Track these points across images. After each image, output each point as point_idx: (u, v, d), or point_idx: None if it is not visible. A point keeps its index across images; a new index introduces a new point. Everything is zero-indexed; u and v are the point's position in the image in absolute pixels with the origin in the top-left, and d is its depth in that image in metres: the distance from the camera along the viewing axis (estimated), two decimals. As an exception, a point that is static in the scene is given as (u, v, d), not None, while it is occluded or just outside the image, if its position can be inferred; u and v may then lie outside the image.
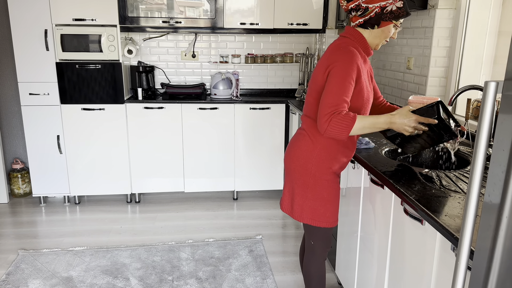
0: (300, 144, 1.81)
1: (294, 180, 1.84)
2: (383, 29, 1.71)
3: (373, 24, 1.70)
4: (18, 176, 3.87)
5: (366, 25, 1.71)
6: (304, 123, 1.83)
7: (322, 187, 1.79)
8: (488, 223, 0.88)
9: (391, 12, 1.66)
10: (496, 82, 0.85)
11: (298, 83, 4.20)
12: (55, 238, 3.15)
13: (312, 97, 1.75)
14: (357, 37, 1.74)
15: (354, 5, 1.69)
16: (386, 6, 1.65)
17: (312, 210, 1.81)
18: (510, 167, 0.83)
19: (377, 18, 1.68)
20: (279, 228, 3.34)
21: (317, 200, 1.80)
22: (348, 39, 1.74)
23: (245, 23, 3.67)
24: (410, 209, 1.50)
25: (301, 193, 1.82)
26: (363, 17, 1.70)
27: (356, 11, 1.71)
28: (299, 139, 1.83)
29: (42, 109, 3.51)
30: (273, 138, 3.80)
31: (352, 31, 1.75)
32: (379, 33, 1.72)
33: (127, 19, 3.54)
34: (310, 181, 1.79)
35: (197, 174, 3.79)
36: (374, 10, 1.67)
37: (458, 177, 1.66)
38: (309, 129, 1.79)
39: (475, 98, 2.23)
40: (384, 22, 1.69)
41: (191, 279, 2.61)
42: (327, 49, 1.76)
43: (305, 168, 1.79)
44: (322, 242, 1.91)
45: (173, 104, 3.62)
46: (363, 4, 1.67)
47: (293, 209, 1.86)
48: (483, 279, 0.91)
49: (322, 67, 1.70)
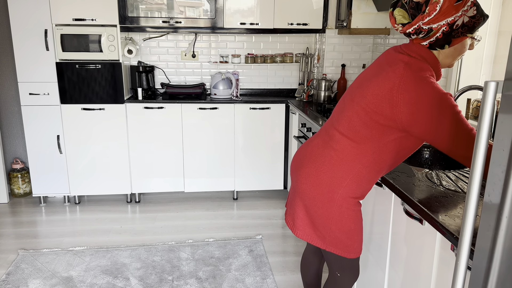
0: (326, 169, 1.52)
1: (311, 207, 1.57)
2: (456, 46, 1.37)
3: (442, 45, 1.36)
4: (18, 176, 3.87)
5: (434, 47, 1.37)
6: (337, 143, 1.50)
7: (349, 219, 1.55)
8: (488, 223, 0.88)
9: (463, 26, 1.32)
10: (496, 82, 0.85)
11: (298, 83, 4.20)
12: (55, 238, 3.15)
13: (360, 118, 1.44)
14: (430, 59, 1.38)
15: (413, 29, 1.35)
16: (455, 21, 1.30)
17: (338, 241, 1.57)
18: (510, 167, 0.83)
19: (446, 37, 1.34)
20: (279, 228, 3.34)
21: (344, 233, 1.56)
22: (418, 61, 1.37)
23: (245, 23, 3.67)
24: (410, 209, 1.50)
25: (323, 223, 1.56)
26: (427, 39, 1.36)
27: (418, 34, 1.37)
28: (324, 162, 1.52)
29: (42, 109, 3.51)
30: (273, 138, 3.80)
31: (421, 50, 1.38)
32: (452, 51, 1.39)
33: (127, 19, 3.54)
34: (334, 213, 1.53)
35: (197, 174, 3.79)
36: (440, 29, 1.32)
37: (458, 177, 1.66)
38: (345, 153, 1.48)
39: (475, 98, 2.23)
40: (457, 39, 1.35)
41: (191, 279, 2.61)
42: (394, 69, 1.37)
43: (330, 198, 1.52)
44: (350, 274, 1.69)
45: (173, 104, 3.62)
46: (424, 26, 1.33)
47: (315, 235, 1.60)
48: (483, 279, 0.91)
49: (389, 96, 1.35)
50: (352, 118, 1.47)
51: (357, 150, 1.46)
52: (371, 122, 1.42)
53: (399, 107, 1.33)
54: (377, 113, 1.39)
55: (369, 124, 1.42)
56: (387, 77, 1.38)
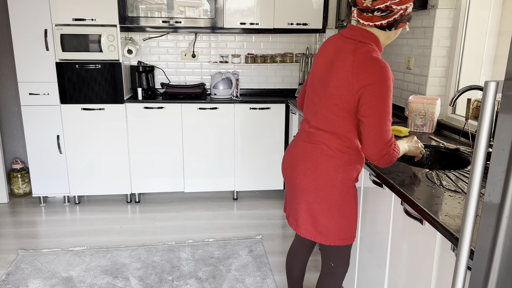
0: (322, 161, 1.64)
1: (315, 200, 1.66)
2: (397, 30, 1.60)
3: (391, 26, 1.56)
4: (18, 176, 3.87)
5: (385, 27, 1.56)
6: (320, 137, 1.65)
7: (349, 202, 1.68)
8: (488, 223, 0.88)
9: (408, 14, 1.57)
10: (496, 82, 0.85)
11: (298, 83, 4.20)
12: (55, 238, 3.15)
13: (334, 113, 1.60)
14: (374, 40, 1.57)
15: (384, 6, 1.52)
16: (408, 8, 1.55)
17: (340, 228, 1.68)
18: (510, 167, 0.83)
19: (400, 19, 1.55)
20: (279, 228, 3.34)
21: (344, 217, 1.68)
22: (366, 45, 1.55)
23: (245, 23, 3.67)
24: (410, 209, 1.50)
25: (326, 213, 1.66)
26: (386, 18, 1.54)
27: (381, 11, 1.54)
28: (317, 156, 1.65)
29: (42, 109, 3.51)
30: (273, 138, 3.80)
31: (365, 33, 1.57)
32: (393, 34, 1.61)
33: (127, 19, 3.54)
34: (337, 198, 1.65)
35: (197, 174, 3.79)
36: (399, 12, 1.54)
37: (458, 177, 1.66)
38: (332, 144, 1.63)
39: (475, 98, 2.23)
40: (402, 24, 1.58)
41: (191, 279, 2.61)
42: (345, 58, 1.55)
43: (331, 185, 1.64)
44: (343, 261, 1.81)
45: (173, 104, 3.62)
46: (393, 6, 1.52)
47: (318, 232, 1.69)
48: (483, 279, 0.91)
49: (348, 83, 1.53)
50: (327, 115, 1.63)
51: (340, 141, 1.63)
52: (342, 112, 1.58)
53: (354, 87, 1.51)
54: (344, 101, 1.56)
55: (342, 114, 1.59)
56: (341, 67, 1.55)
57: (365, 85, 1.49)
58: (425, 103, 2.47)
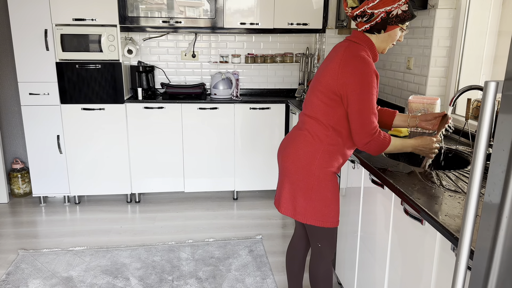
0: (302, 146, 1.79)
1: (295, 181, 1.81)
2: (390, 33, 1.72)
3: (379, 29, 1.71)
4: (18, 176, 3.87)
5: (373, 31, 1.71)
6: (306, 124, 1.80)
7: (326, 188, 1.78)
8: (488, 223, 0.88)
9: (397, 16, 1.66)
10: (496, 82, 0.85)
11: (298, 83, 4.20)
12: (55, 238, 3.15)
13: (319, 99, 1.74)
14: (366, 42, 1.73)
15: (360, 12, 1.68)
16: (391, 10, 1.65)
17: (317, 211, 1.80)
18: (510, 167, 0.83)
19: (383, 23, 1.68)
20: (279, 228, 3.34)
21: (322, 201, 1.79)
22: (357, 45, 1.72)
23: (245, 23, 3.67)
24: (410, 209, 1.50)
25: (304, 195, 1.80)
26: (369, 22, 1.69)
27: (362, 17, 1.70)
28: (300, 140, 1.80)
29: (42, 109, 3.51)
30: (273, 138, 3.80)
31: (360, 35, 1.74)
32: (386, 37, 1.73)
33: (127, 19, 3.54)
34: (313, 183, 1.77)
35: (197, 174, 3.79)
36: (379, 15, 1.67)
37: (458, 177, 1.66)
38: (313, 130, 1.77)
39: (475, 98, 2.23)
40: (391, 26, 1.70)
41: (191, 279, 2.61)
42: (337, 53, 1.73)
43: (308, 170, 1.77)
44: (329, 243, 1.91)
45: (173, 104, 3.62)
46: (369, 10, 1.67)
47: (296, 211, 1.83)
48: (483, 279, 0.91)
49: (334, 73, 1.68)
50: (313, 101, 1.78)
51: (321, 127, 1.76)
52: (326, 99, 1.72)
53: (339, 78, 1.67)
54: (328, 88, 1.71)
55: (326, 101, 1.73)
56: (333, 60, 1.72)
57: (348, 77, 1.64)
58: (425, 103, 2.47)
